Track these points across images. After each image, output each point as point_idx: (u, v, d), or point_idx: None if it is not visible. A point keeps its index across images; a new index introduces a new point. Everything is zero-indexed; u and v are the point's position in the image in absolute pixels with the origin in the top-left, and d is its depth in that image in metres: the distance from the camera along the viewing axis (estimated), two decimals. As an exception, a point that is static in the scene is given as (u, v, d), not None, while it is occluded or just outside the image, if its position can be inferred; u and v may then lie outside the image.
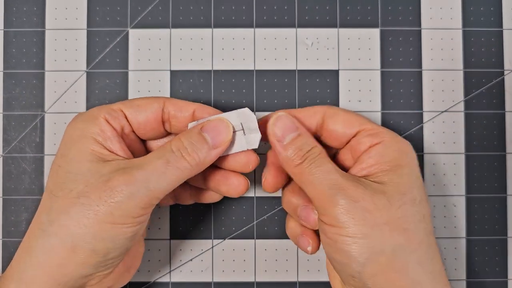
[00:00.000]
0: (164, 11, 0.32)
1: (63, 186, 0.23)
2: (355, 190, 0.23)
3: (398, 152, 0.25)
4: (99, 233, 0.22)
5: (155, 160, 0.23)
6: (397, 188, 0.24)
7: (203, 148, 0.24)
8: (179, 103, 0.26)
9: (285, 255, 0.31)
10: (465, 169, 0.31)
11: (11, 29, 0.32)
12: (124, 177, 0.22)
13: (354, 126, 0.26)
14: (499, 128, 0.31)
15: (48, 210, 0.23)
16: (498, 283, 0.31)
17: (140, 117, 0.26)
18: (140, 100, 0.26)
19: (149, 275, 0.31)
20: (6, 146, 0.31)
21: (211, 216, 0.31)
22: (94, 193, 0.22)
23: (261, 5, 0.32)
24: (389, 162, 0.24)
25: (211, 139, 0.24)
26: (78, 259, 0.23)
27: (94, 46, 0.31)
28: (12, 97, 0.31)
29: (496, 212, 0.31)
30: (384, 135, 0.25)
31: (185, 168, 0.23)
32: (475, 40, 0.32)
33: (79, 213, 0.22)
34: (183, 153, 0.23)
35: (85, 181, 0.23)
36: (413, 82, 0.32)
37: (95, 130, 0.24)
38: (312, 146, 0.25)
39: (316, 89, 0.31)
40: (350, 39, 0.32)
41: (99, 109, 0.25)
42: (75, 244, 0.22)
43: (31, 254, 0.23)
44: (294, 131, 0.25)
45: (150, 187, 0.23)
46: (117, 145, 0.24)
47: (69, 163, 0.24)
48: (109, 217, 0.22)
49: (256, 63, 0.32)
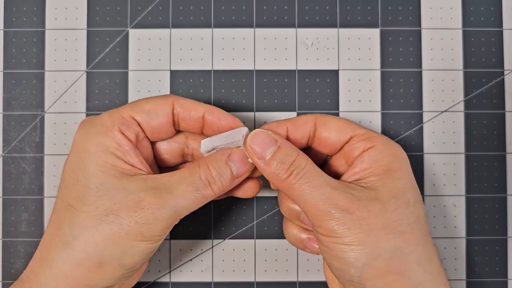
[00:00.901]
0: (164, 11, 0.32)
1: (87, 202, 0.23)
2: (348, 202, 0.23)
3: (391, 156, 0.25)
4: (127, 250, 0.23)
5: (185, 186, 0.24)
6: (390, 192, 0.24)
7: (228, 178, 0.25)
8: (188, 105, 0.26)
9: (285, 255, 0.31)
10: (465, 169, 0.31)
11: (11, 29, 0.32)
12: (155, 200, 0.23)
13: (346, 132, 0.26)
14: (499, 128, 0.31)
15: (70, 224, 0.23)
16: (498, 283, 0.31)
17: (153, 123, 0.25)
18: (149, 104, 0.25)
19: (149, 275, 0.31)
20: (6, 146, 0.31)
21: (211, 216, 0.31)
22: (124, 212, 0.23)
23: (261, 5, 0.32)
24: (382, 166, 0.24)
25: (236, 170, 0.25)
26: (104, 273, 0.23)
27: (94, 46, 0.31)
28: (12, 97, 0.31)
29: (496, 212, 0.31)
30: (377, 139, 0.25)
31: (210, 195, 0.24)
32: (475, 40, 0.32)
33: (108, 230, 0.23)
34: (210, 182, 0.24)
35: (112, 198, 0.23)
36: (413, 82, 0.32)
37: (113, 145, 0.24)
38: (295, 156, 0.24)
39: (316, 89, 0.31)
40: (350, 39, 0.32)
41: (111, 119, 0.25)
42: (102, 259, 0.23)
43: (52, 265, 0.23)
44: (273, 144, 0.24)
45: (179, 211, 0.24)
46: (135, 159, 0.24)
47: (89, 178, 0.23)
48: (138, 236, 0.23)
49: (256, 63, 0.32)
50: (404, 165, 0.25)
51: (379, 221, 0.23)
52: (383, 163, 0.25)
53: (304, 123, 0.26)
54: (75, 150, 0.24)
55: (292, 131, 0.26)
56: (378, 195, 0.23)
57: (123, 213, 0.23)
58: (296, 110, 0.31)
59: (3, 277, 0.31)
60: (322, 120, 0.26)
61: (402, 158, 0.25)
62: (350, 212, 0.23)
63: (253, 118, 0.31)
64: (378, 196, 0.23)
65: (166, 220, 0.23)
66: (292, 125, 0.26)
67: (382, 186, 0.24)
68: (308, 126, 0.26)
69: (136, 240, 0.23)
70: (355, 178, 0.25)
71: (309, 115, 0.27)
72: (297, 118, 0.27)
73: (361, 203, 0.23)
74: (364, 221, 0.23)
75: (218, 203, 0.31)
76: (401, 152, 0.26)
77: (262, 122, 0.31)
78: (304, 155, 0.25)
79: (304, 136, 0.26)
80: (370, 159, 0.25)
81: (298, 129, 0.26)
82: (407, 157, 0.26)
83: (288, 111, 0.31)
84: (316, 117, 0.27)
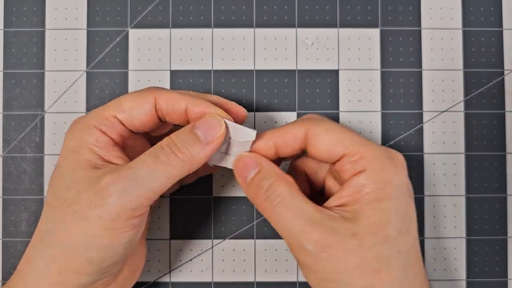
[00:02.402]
0: (164, 11, 0.32)
1: (58, 196, 0.23)
2: (323, 238, 0.22)
3: (380, 183, 0.23)
4: (92, 241, 0.22)
5: (143, 157, 0.23)
6: (369, 228, 0.22)
7: (195, 144, 0.23)
8: (170, 98, 0.24)
9: (285, 255, 0.31)
10: (465, 169, 0.31)
11: (11, 29, 0.32)
12: (111, 175, 0.22)
13: (337, 150, 0.24)
14: (499, 128, 0.31)
15: (46, 220, 0.23)
16: (498, 283, 0.31)
17: (135, 121, 0.25)
18: (130, 102, 0.24)
19: (149, 275, 0.31)
20: (6, 146, 0.31)
21: (211, 216, 0.31)
22: (84, 198, 0.22)
23: (261, 5, 0.32)
24: (368, 194, 0.23)
25: (203, 134, 0.23)
26: (74, 269, 0.22)
27: (94, 46, 0.31)
28: (12, 97, 0.31)
29: (496, 212, 0.31)
30: (367, 161, 0.23)
31: (177, 164, 0.23)
32: (475, 40, 0.32)
33: (71, 221, 0.22)
34: (173, 149, 0.23)
35: (78, 187, 0.22)
36: (413, 82, 0.32)
37: (91, 141, 0.24)
38: (272, 181, 0.23)
39: (316, 89, 0.31)
40: (350, 39, 0.32)
41: (94, 117, 0.24)
42: (69, 253, 0.22)
43: (32, 264, 0.23)
44: (255, 167, 0.24)
45: (140, 185, 0.22)
46: (113, 153, 0.24)
47: (64, 173, 0.23)
48: (99, 222, 0.22)
49: (256, 63, 0.32)
50: (394, 192, 0.23)
51: (354, 260, 0.22)
52: (369, 190, 0.23)
53: (294, 139, 0.25)
54: (61, 150, 0.25)
55: (282, 147, 0.25)
56: (357, 229, 0.22)
57: (84, 199, 0.22)
58: (296, 110, 0.31)
59: (3, 277, 0.31)
60: (314, 133, 0.24)
61: (395, 183, 0.23)
62: (324, 248, 0.22)
63: (253, 118, 0.31)
64: (357, 231, 0.22)
65: (126, 198, 0.22)
66: (281, 140, 0.25)
67: (364, 218, 0.23)
68: (298, 142, 0.25)
69: (97, 228, 0.22)
70: (340, 202, 0.24)
71: (300, 124, 0.25)
72: (286, 133, 0.25)
73: (337, 239, 0.22)
74: (338, 261, 0.22)
75: (218, 203, 0.31)
76: (394, 174, 0.23)
77: (262, 122, 0.31)
78: (283, 180, 0.24)
79: (295, 149, 0.25)
80: (357, 186, 0.23)
81: (288, 145, 0.25)
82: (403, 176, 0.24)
83: (288, 111, 0.31)
84: (307, 128, 0.25)
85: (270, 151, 0.25)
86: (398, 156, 0.24)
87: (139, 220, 0.23)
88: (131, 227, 0.23)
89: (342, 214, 0.23)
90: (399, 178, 0.24)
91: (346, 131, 0.24)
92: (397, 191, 0.23)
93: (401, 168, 0.24)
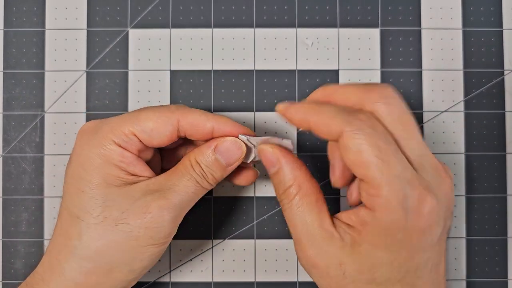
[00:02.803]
0: (164, 11, 0.32)
1: (94, 213, 0.23)
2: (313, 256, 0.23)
3: (382, 232, 0.22)
4: (138, 255, 0.24)
5: (185, 182, 0.24)
6: (358, 265, 0.22)
7: (218, 169, 0.25)
8: (194, 120, 0.25)
9: (285, 255, 0.31)
10: (465, 169, 0.31)
11: (11, 29, 0.32)
12: (160, 202, 0.24)
13: (358, 173, 0.22)
14: (499, 128, 0.31)
15: (79, 235, 0.23)
16: (498, 283, 0.31)
17: (154, 142, 0.25)
18: (151, 121, 0.24)
19: (149, 275, 0.31)
20: (6, 146, 0.31)
21: (211, 216, 0.31)
22: (133, 219, 0.23)
23: (261, 5, 0.32)
24: (368, 235, 0.22)
25: (224, 161, 0.25)
26: (115, 279, 0.24)
27: (94, 46, 0.31)
28: (12, 97, 0.31)
29: (496, 212, 0.31)
30: (380, 205, 0.21)
31: (207, 185, 0.25)
32: (475, 40, 0.32)
33: (119, 239, 0.23)
34: (204, 175, 0.25)
35: (120, 207, 0.23)
36: (413, 82, 0.32)
37: (117, 157, 0.24)
38: (288, 185, 0.24)
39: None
40: (350, 39, 0.32)
41: (111, 131, 0.24)
42: (113, 267, 0.23)
43: (65, 275, 0.24)
44: (274, 166, 0.25)
45: (183, 207, 0.24)
46: (139, 168, 0.25)
47: (94, 189, 0.24)
48: (149, 241, 0.24)
49: (256, 63, 0.32)
50: (395, 245, 0.22)
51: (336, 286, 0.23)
52: (370, 232, 0.22)
53: (328, 131, 0.23)
54: (78, 160, 0.24)
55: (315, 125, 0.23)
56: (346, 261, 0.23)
57: (132, 220, 0.23)
58: (296, 110, 0.31)
59: (3, 277, 0.31)
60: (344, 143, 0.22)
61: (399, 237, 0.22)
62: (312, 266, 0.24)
63: (253, 118, 0.31)
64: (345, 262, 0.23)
65: (173, 219, 0.24)
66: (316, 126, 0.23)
67: (357, 254, 0.23)
68: (331, 135, 0.22)
69: (147, 245, 0.24)
70: (349, 222, 0.23)
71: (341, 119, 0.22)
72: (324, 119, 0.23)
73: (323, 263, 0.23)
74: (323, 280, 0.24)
75: (218, 203, 0.31)
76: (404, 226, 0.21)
77: (262, 122, 0.31)
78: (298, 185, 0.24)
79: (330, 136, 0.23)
80: (363, 220, 0.23)
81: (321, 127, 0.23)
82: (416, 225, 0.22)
83: (288, 111, 0.31)
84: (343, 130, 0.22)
85: (302, 124, 0.24)
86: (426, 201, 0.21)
87: (175, 232, 0.25)
88: (170, 239, 0.25)
89: (343, 236, 0.23)
90: (411, 224, 0.21)
91: (380, 153, 0.21)
92: (399, 244, 0.22)
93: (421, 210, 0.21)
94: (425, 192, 0.21)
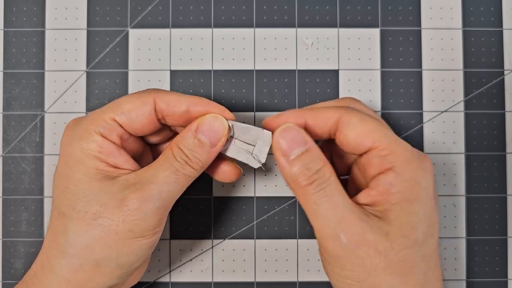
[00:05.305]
0: (164, 11, 0.32)
1: (77, 208, 0.23)
2: (361, 232, 0.22)
3: (409, 182, 0.23)
4: (122, 249, 0.23)
5: (163, 171, 0.23)
6: (400, 229, 0.22)
7: (203, 151, 0.24)
8: (170, 99, 0.24)
9: (285, 255, 0.31)
10: (465, 169, 0.31)
11: (11, 29, 0.32)
12: (138, 194, 0.23)
13: (365, 142, 0.23)
14: (499, 128, 0.31)
15: (64, 232, 0.23)
16: (498, 283, 0.31)
17: (134, 124, 0.25)
18: (129, 104, 0.24)
19: (149, 275, 0.31)
20: (6, 146, 0.31)
21: (211, 216, 0.31)
22: (112, 213, 0.23)
23: (261, 5, 0.32)
24: (398, 194, 0.23)
25: (207, 139, 0.24)
26: (104, 274, 0.24)
27: (94, 46, 0.31)
28: (12, 97, 0.31)
29: (496, 212, 0.31)
30: (396, 158, 0.23)
31: (192, 172, 0.24)
32: (475, 40, 0.32)
33: (99, 233, 0.23)
34: (186, 161, 0.24)
35: (99, 201, 0.23)
36: (413, 82, 0.32)
37: (96, 148, 0.24)
38: (321, 165, 0.23)
39: (316, 89, 0.31)
40: (350, 39, 0.32)
41: (91, 121, 0.24)
42: (100, 262, 0.23)
43: (56, 272, 0.23)
44: (302, 145, 0.23)
45: (164, 198, 0.23)
46: (120, 158, 0.24)
47: (76, 184, 0.24)
48: (129, 234, 0.23)
49: (256, 63, 0.32)
50: (423, 193, 0.23)
51: (383, 261, 0.22)
52: (399, 190, 0.23)
53: (325, 122, 0.24)
54: (62, 157, 0.24)
55: (311, 127, 0.24)
56: (389, 230, 0.22)
57: (110, 214, 0.23)
58: (296, 110, 0.31)
59: (3, 277, 0.31)
60: (345, 121, 0.24)
61: (424, 183, 0.23)
62: (357, 245, 0.22)
63: (253, 118, 0.31)
64: (388, 231, 0.22)
65: (154, 212, 0.23)
66: (313, 119, 0.24)
67: (394, 219, 0.22)
68: (328, 126, 0.24)
69: (128, 238, 0.23)
70: (369, 201, 0.23)
71: (334, 108, 0.24)
72: (320, 111, 0.24)
73: (372, 237, 0.22)
74: (368, 259, 0.22)
75: (218, 203, 0.31)
76: (423, 174, 0.23)
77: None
78: (330, 166, 0.23)
79: (324, 133, 0.25)
80: (386, 184, 0.23)
81: (318, 126, 0.24)
82: (430, 180, 0.23)
83: (288, 111, 0.31)
84: (341, 113, 0.24)
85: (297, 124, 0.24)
86: (426, 158, 0.24)
87: (162, 225, 0.25)
88: (157, 231, 0.24)
89: (373, 213, 0.23)
90: (426, 179, 0.23)
91: (379, 124, 0.24)
92: (425, 192, 0.23)
93: (428, 170, 0.23)
94: (423, 153, 0.24)
